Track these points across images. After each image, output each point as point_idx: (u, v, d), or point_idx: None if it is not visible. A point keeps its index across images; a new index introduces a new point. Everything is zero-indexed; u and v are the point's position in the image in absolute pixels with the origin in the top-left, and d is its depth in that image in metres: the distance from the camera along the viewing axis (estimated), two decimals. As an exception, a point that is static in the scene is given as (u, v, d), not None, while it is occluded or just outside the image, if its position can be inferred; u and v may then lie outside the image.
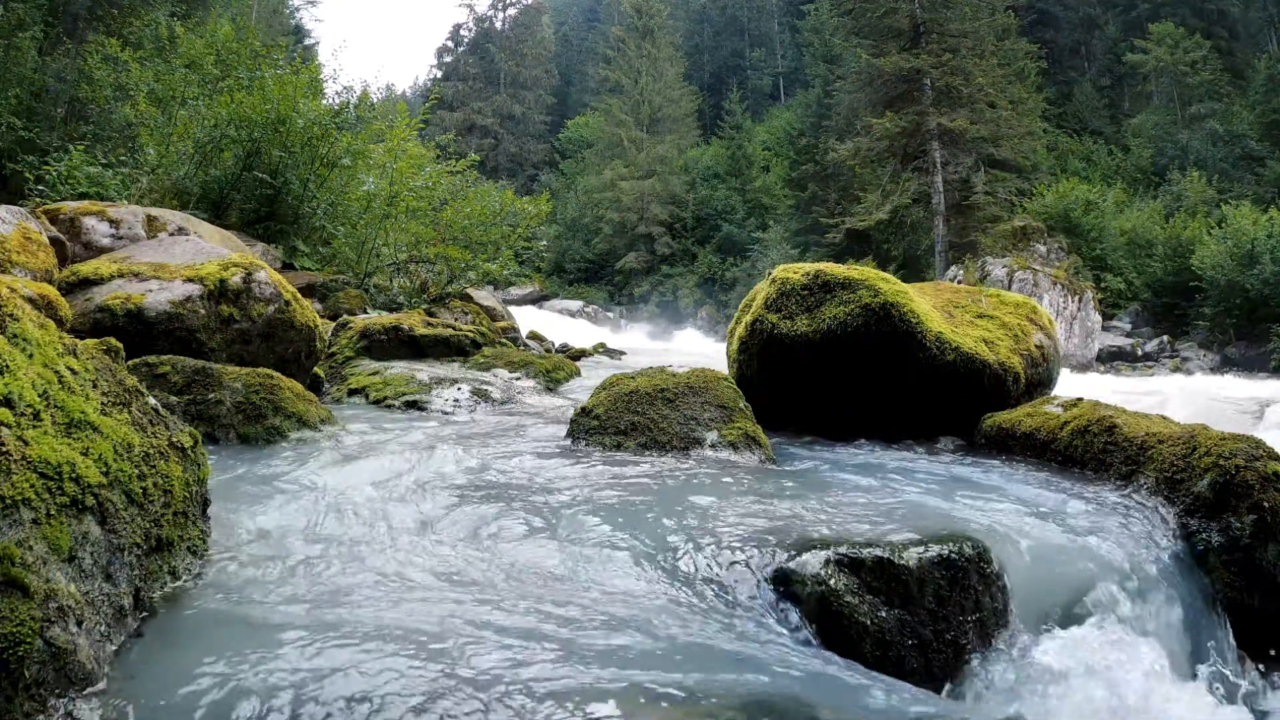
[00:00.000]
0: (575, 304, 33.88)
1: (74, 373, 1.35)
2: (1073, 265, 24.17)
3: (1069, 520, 2.10)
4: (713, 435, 2.70)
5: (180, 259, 3.74)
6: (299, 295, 3.83)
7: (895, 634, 1.58)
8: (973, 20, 26.92)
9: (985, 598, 1.69)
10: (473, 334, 5.34)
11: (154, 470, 1.40)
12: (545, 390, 4.54)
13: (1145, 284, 25.48)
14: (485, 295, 9.63)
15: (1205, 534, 2.12)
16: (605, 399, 2.86)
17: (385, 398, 3.90)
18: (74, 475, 1.17)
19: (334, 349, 4.84)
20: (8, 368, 1.18)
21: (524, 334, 9.29)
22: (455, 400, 3.86)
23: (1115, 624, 1.79)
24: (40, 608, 1.00)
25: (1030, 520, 2.08)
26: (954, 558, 1.68)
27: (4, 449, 1.07)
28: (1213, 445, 2.23)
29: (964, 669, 1.63)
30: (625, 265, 39.36)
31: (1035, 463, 2.78)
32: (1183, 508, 2.20)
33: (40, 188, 8.12)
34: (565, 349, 10.17)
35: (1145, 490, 2.33)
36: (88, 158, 8.54)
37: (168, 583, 1.40)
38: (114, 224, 4.79)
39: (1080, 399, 2.92)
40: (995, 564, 1.74)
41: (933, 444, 3.19)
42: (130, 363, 2.57)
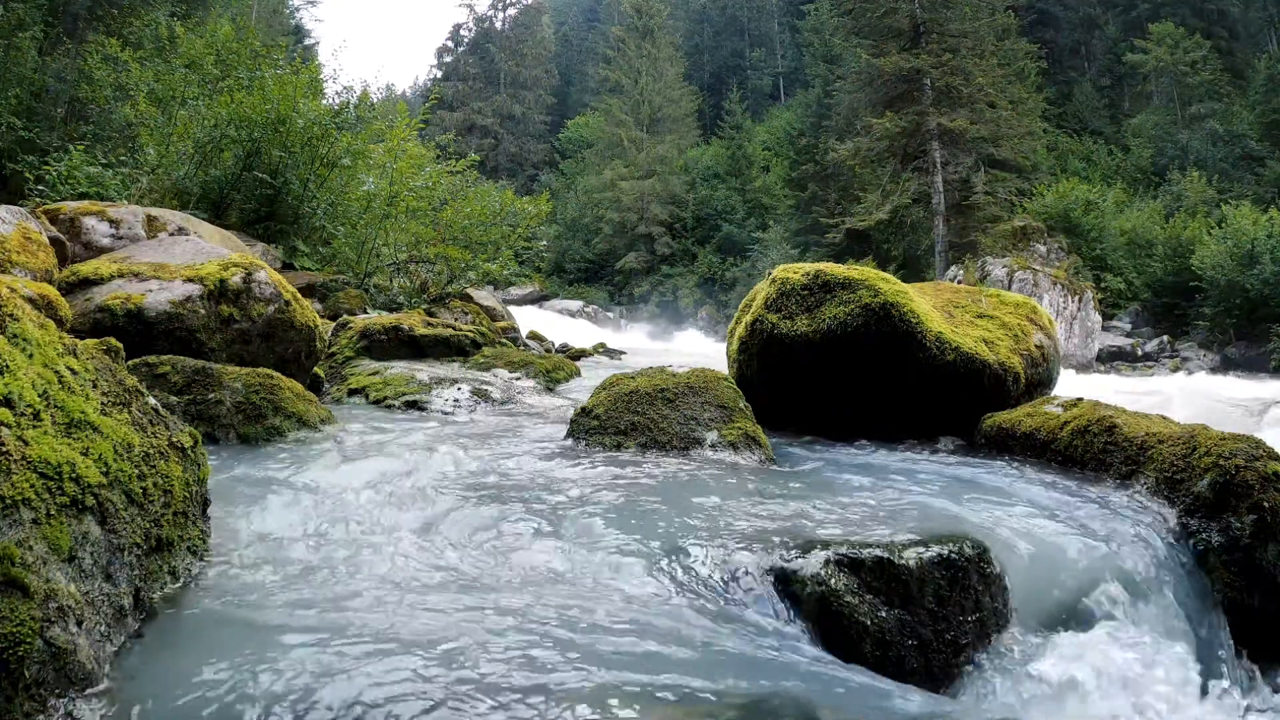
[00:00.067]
0: (575, 304, 33.87)
1: (74, 373, 1.35)
2: (1073, 265, 24.16)
3: (1069, 520, 2.10)
4: (713, 435, 2.70)
5: (180, 259, 3.74)
6: (299, 295, 3.83)
7: (895, 634, 1.58)
8: (973, 20, 26.91)
9: (985, 598, 1.69)
10: (473, 334, 5.34)
11: (154, 470, 1.40)
12: (545, 390, 4.54)
13: (1145, 284, 25.47)
14: (485, 295, 9.63)
15: (1205, 534, 2.12)
16: (605, 399, 2.86)
17: (385, 398, 3.90)
18: (74, 475, 1.17)
19: (334, 349, 4.84)
20: (8, 368, 1.18)
21: (524, 334, 9.29)
22: (455, 400, 3.86)
23: (1115, 624, 1.79)
24: (40, 608, 1.00)
25: (1030, 520, 2.08)
26: (954, 558, 1.68)
27: (4, 449, 1.07)
28: (1213, 445, 2.23)
29: (964, 669, 1.63)
30: (625, 265, 39.35)
31: (1035, 463, 2.78)
32: (1183, 508, 2.20)
33: (40, 188, 8.12)
34: (565, 349, 10.18)
35: (1145, 490, 2.33)
36: (88, 158, 8.53)
37: (168, 583, 1.40)
38: (114, 224, 4.79)
39: (1080, 399, 2.92)
40: (995, 564, 1.74)
41: (933, 444, 3.19)
42: (130, 363, 2.57)
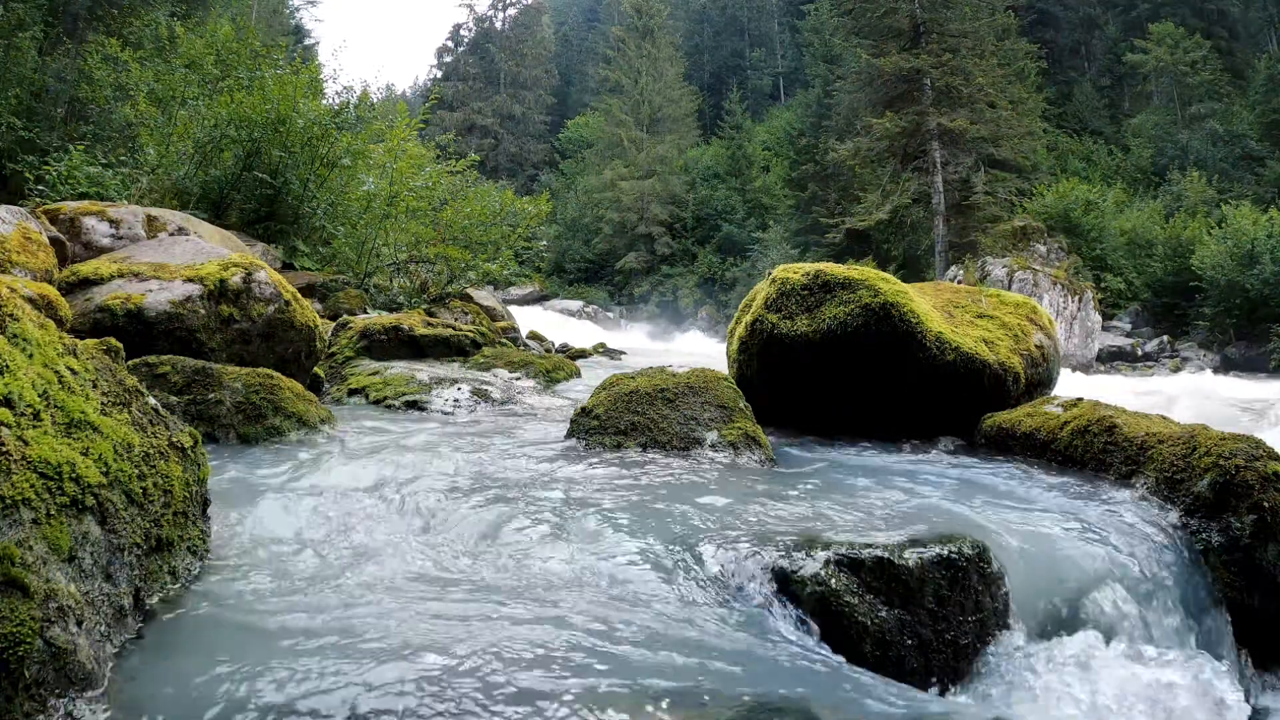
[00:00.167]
0: (575, 304, 33.86)
1: (74, 373, 1.35)
2: (1073, 265, 24.15)
3: (1069, 520, 2.10)
4: (713, 435, 2.70)
5: (180, 259, 3.74)
6: (299, 295, 3.83)
7: (895, 634, 1.58)
8: (973, 20, 26.90)
9: (985, 598, 1.69)
10: (473, 334, 5.34)
11: (154, 470, 1.40)
12: (545, 390, 4.54)
13: (1145, 284, 25.47)
14: (485, 295, 9.63)
15: (1205, 534, 2.12)
16: (605, 399, 2.86)
17: (385, 398, 3.90)
18: (74, 475, 1.17)
19: (334, 349, 4.84)
20: (8, 368, 1.18)
21: (524, 334, 9.29)
22: (455, 400, 3.86)
23: (1114, 624, 1.79)
24: (40, 608, 1.00)
25: (1030, 520, 2.08)
26: (954, 558, 1.68)
27: (4, 449, 1.07)
28: (1213, 445, 2.23)
29: (964, 669, 1.63)
30: (625, 265, 39.34)
31: (1035, 463, 2.78)
32: (1183, 508, 2.20)
33: (40, 188, 8.12)
34: (565, 349, 10.18)
35: (1145, 490, 2.33)
36: (88, 158, 8.54)
37: (168, 583, 1.39)
38: (114, 224, 4.80)
39: (1080, 399, 2.92)
40: (995, 564, 1.74)
41: (933, 444, 3.19)
42: (130, 363, 2.57)
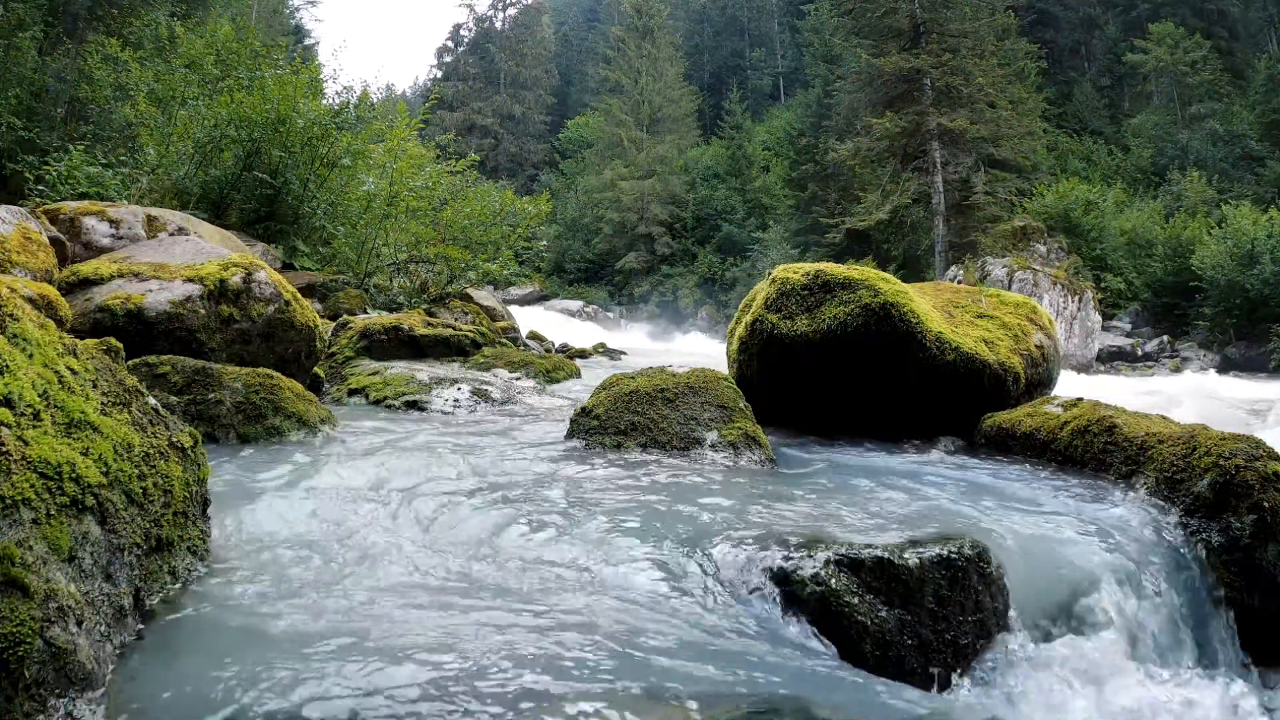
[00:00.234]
0: (575, 304, 33.85)
1: (74, 373, 1.35)
2: (1073, 265, 24.15)
3: (1068, 520, 2.10)
4: (713, 435, 2.70)
5: (180, 259, 3.74)
6: (299, 295, 3.83)
7: (895, 634, 1.58)
8: (973, 20, 26.90)
9: (985, 598, 1.69)
10: (473, 334, 5.34)
11: (154, 470, 1.40)
12: (545, 390, 4.54)
13: (1145, 284, 25.47)
14: (485, 295, 9.63)
15: (1205, 534, 2.12)
16: (605, 399, 2.86)
17: (385, 398, 3.90)
18: (74, 475, 1.17)
19: (334, 349, 4.84)
20: (8, 368, 1.18)
21: (524, 334, 9.30)
22: (455, 400, 3.86)
23: (1115, 624, 1.79)
24: (40, 608, 1.00)
25: (1030, 521, 2.08)
26: (954, 558, 1.68)
27: (4, 449, 1.07)
28: (1213, 445, 2.23)
29: (964, 669, 1.62)
30: (625, 265, 39.34)
31: (1035, 463, 2.78)
32: (1183, 508, 2.20)
33: (40, 188, 8.12)
34: (565, 349, 10.18)
35: (1145, 490, 2.33)
36: (88, 158, 8.54)
37: (168, 583, 1.39)
38: (114, 224, 4.80)
39: (1080, 399, 2.92)
40: (995, 564, 1.74)
41: (932, 444, 3.19)
42: (130, 363, 2.57)
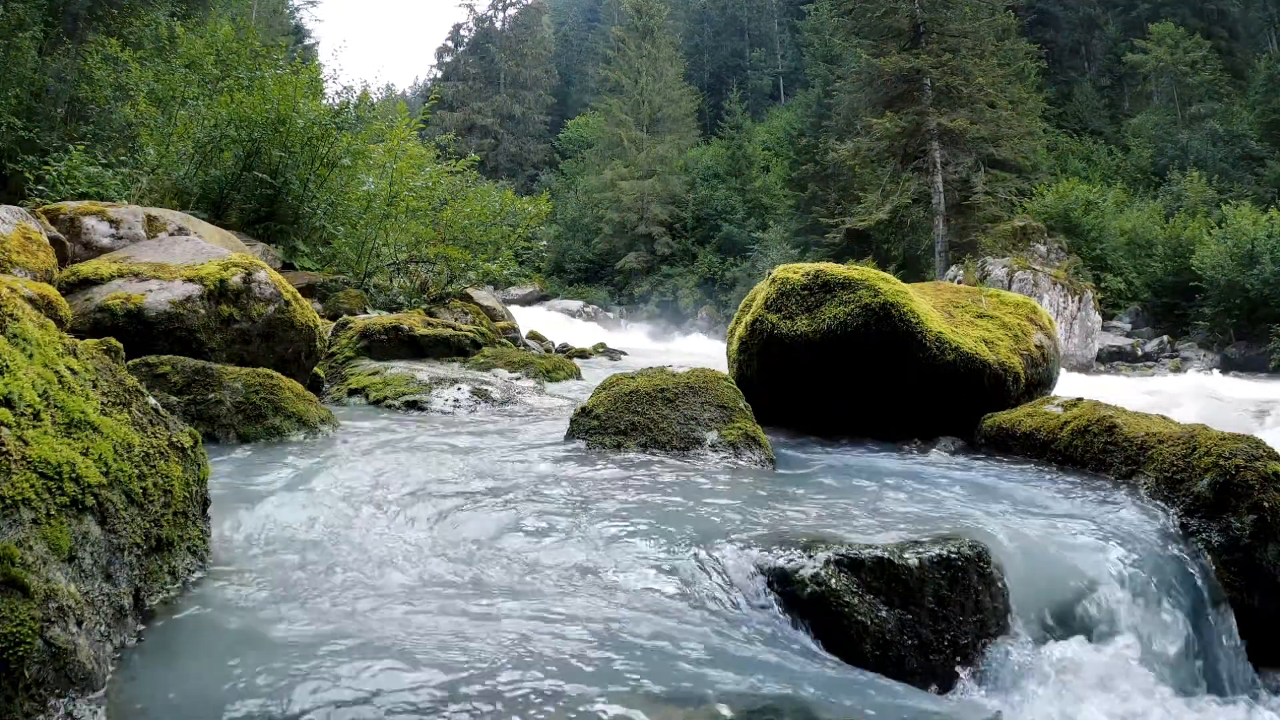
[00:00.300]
0: (575, 304, 33.84)
1: (74, 373, 1.35)
2: (1073, 265, 24.15)
3: (1068, 520, 2.10)
4: (713, 435, 2.70)
5: (180, 259, 3.74)
6: (299, 295, 3.83)
7: (895, 634, 1.58)
8: (973, 20, 26.89)
9: (985, 598, 1.69)
10: (473, 334, 5.34)
11: (154, 470, 1.40)
12: (545, 390, 4.54)
13: (1145, 284, 25.46)
14: (485, 295, 9.64)
15: (1205, 534, 2.12)
16: (605, 399, 2.86)
17: (385, 398, 3.90)
18: (74, 475, 1.17)
19: (334, 349, 4.84)
20: (8, 368, 1.18)
21: (524, 334, 9.30)
22: (455, 400, 3.86)
23: (1114, 624, 1.79)
24: (40, 608, 1.00)
25: (1030, 521, 2.08)
26: (954, 558, 1.68)
27: (4, 449, 1.07)
28: (1213, 445, 2.23)
29: (964, 669, 1.62)
30: (625, 265, 39.33)
31: (1035, 463, 2.78)
32: (1183, 508, 2.20)
33: (40, 188, 8.12)
34: (565, 349, 10.18)
35: (1145, 490, 2.33)
36: (88, 158, 8.54)
37: (168, 583, 1.39)
38: (114, 224, 4.80)
39: (1080, 399, 2.92)
40: (995, 564, 1.74)
41: (933, 444, 3.19)
42: (130, 363, 2.57)
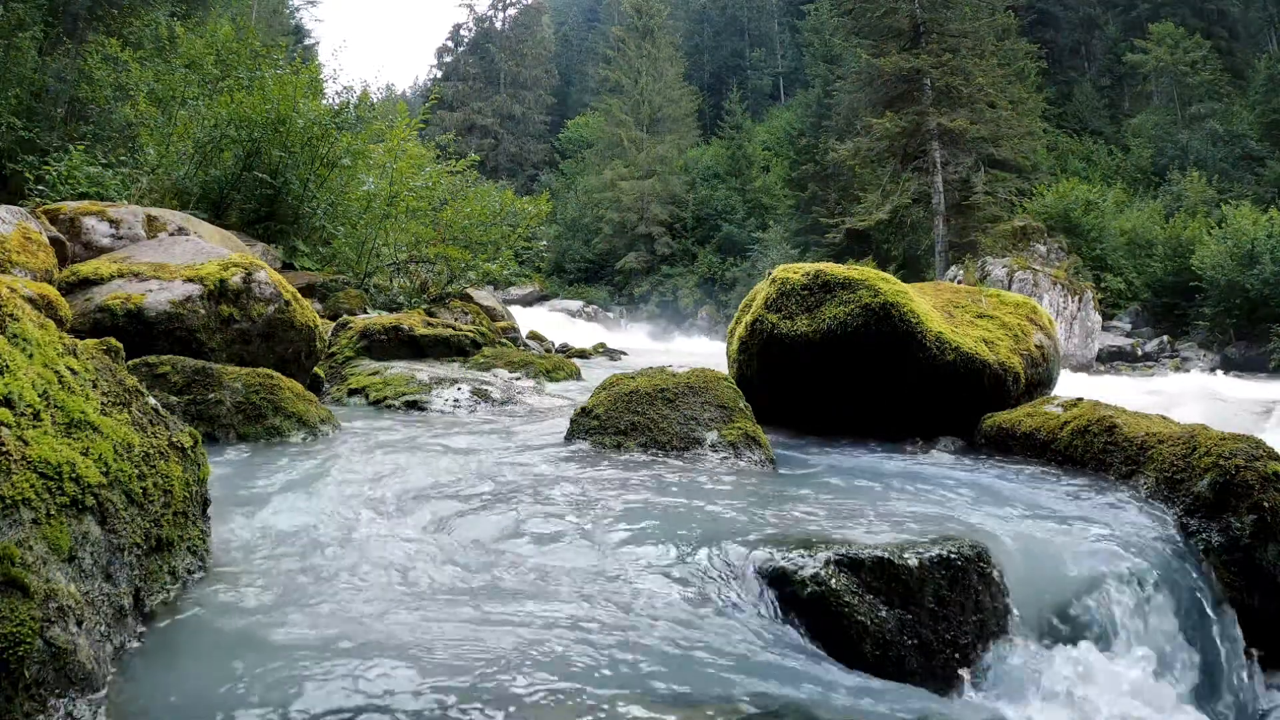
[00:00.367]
0: (575, 304, 33.84)
1: (74, 373, 1.35)
2: (1073, 265, 24.15)
3: (1068, 521, 2.10)
4: (713, 435, 2.69)
5: (180, 259, 3.74)
6: (299, 295, 3.83)
7: (895, 634, 1.57)
8: (973, 20, 26.89)
9: (985, 598, 1.69)
10: (473, 334, 5.34)
11: (154, 470, 1.40)
12: (545, 390, 4.54)
13: (1145, 284, 25.46)
14: (485, 295, 9.64)
15: (1205, 534, 2.12)
16: (605, 399, 2.86)
17: (385, 398, 3.90)
18: (74, 475, 1.17)
19: (334, 349, 4.84)
20: (8, 368, 1.18)
21: (524, 334, 9.30)
22: (455, 400, 3.86)
23: (1115, 625, 1.79)
24: (40, 608, 1.00)
25: (1030, 521, 2.08)
26: (954, 558, 1.68)
27: (4, 449, 1.07)
28: (1213, 445, 2.23)
29: (964, 670, 1.62)
30: (625, 265, 39.33)
31: (1035, 463, 2.78)
32: (1183, 508, 2.20)
33: (40, 188, 8.12)
34: (565, 349, 10.19)
35: (1145, 490, 2.33)
36: (88, 158, 8.54)
37: (168, 583, 1.39)
38: (114, 224, 4.80)
39: (1080, 399, 2.92)
40: (995, 564, 1.74)
41: (933, 444, 3.19)
42: (130, 363, 2.57)
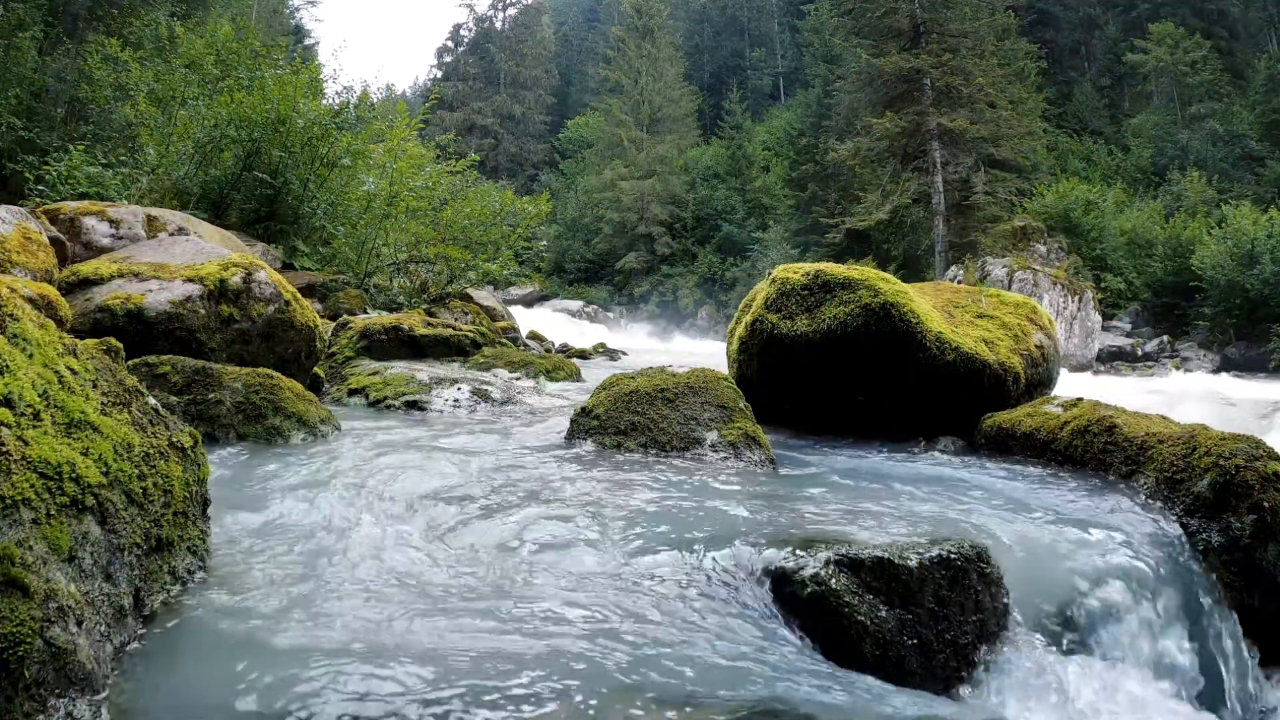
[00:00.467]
0: (575, 304, 33.84)
1: (74, 373, 1.35)
2: (1073, 265, 24.15)
3: (1069, 521, 2.10)
4: (713, 435, 2.69)
5: (180, 259, 3.74)
6: (299, 295, 3.83)
7: (895, 635, 1.57)
8: (973, 20, 26.89)
9: (985, 598, 1.69)
10: (473, 334, 5.34)
11: (154, 470, 1.40)
12: (545, 390, 4.54)
13: (1145, 284, 25.46)
14: (485, 295, 9.64)
15: (1205, 534, 2.12)
16: (605, 399, 2.86)
17: (385, 398, 3.90)
18: (74, 475, 1.17)
19: (334, 349, 4.84)
20: (8, 368, 1.18)
21: (524, 334, 9.30)
22: (455, 400, 3.86)
23: (1115, 624, 1.79)
24: (40, 608, 1.00)
25: (1030, 521, 2.08)
26: (954, 558, 1.68)
27: (4, 449, 1.07)
28: (1213, 445, 2.23)
29: (964, 670, 1.62)
30: (625, 265, 39.33)
31: (1035, 463, 2.78)
32: (1183, 508, 2.20)
33: (40, 188, 8.12)
34: (565, 349, 10.19)
35: (1145, 490, 2.33)
36: (88, 158, 8.53)
37: (168, 583, 1.39)
38: (114, 224, 4.79)
39: (1080, 399, 2.92)
40: (995, 564, 1.74)
41: (933, 444, 3.19)
42: (130, 363, 2.57)
